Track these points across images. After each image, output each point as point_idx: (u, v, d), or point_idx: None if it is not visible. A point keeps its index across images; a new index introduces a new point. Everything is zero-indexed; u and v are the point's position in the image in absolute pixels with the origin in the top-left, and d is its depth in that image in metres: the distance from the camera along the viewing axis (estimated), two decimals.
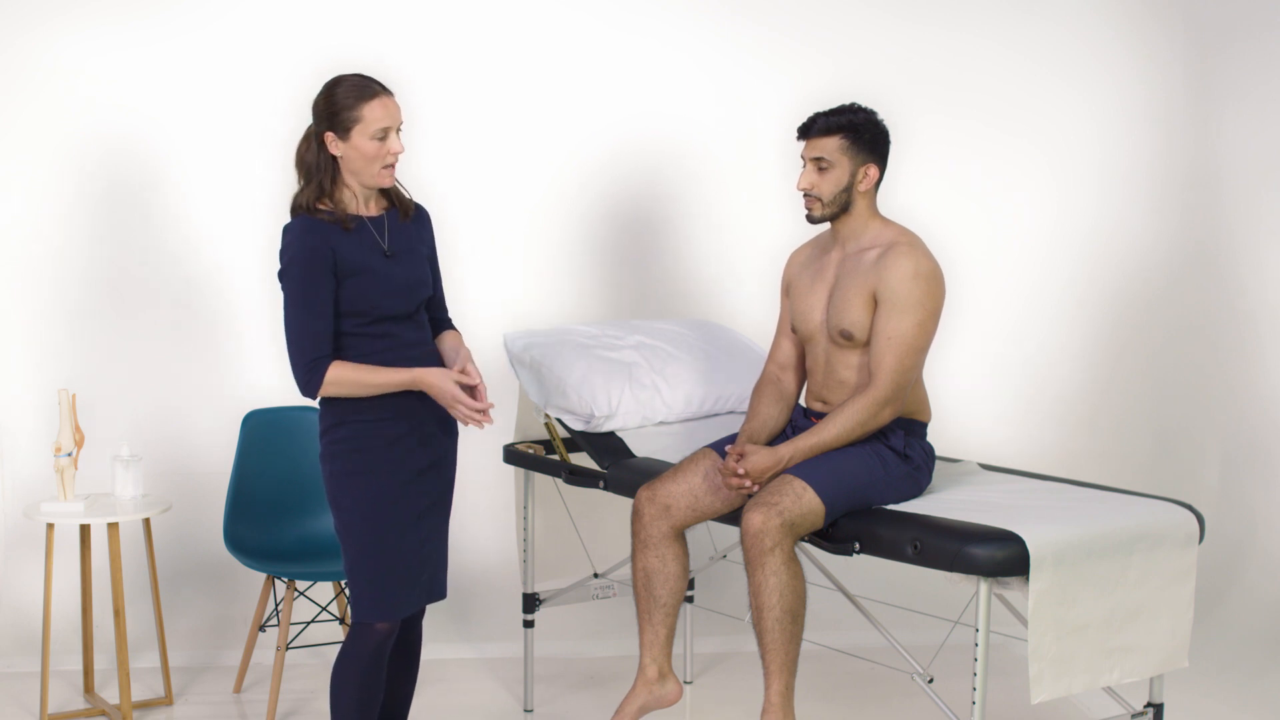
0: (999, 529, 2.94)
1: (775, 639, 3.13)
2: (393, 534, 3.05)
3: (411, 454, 3.08)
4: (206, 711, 4.11)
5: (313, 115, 3.03)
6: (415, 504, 3.09)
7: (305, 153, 3.03)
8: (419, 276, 3.10)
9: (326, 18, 4.76)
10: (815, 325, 3.41)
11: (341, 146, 2.99)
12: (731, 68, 5.00)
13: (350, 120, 2.96)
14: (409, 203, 3.15)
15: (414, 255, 3.10)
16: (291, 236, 2.98)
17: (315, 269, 2.95)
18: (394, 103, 3.02)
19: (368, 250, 3.02)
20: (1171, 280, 5.19)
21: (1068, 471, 4.54)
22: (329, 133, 2.98)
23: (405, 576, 3.08)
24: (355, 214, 3.04)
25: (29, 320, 4.68)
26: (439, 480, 3.17)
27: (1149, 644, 3.14)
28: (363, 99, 2.97)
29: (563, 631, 4.66)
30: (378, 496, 3.04)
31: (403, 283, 3.05)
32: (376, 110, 2.97)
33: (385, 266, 3.03)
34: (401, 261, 3.06)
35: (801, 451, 3.24)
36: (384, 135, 2.98)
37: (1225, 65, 5.08)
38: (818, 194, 3.32)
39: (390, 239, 3.07)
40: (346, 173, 3.02)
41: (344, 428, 3.04)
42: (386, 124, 2.98)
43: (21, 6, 4.61)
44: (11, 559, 4.63)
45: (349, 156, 2.99)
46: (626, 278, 5.01)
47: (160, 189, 4.72)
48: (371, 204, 3.09)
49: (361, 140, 2.97)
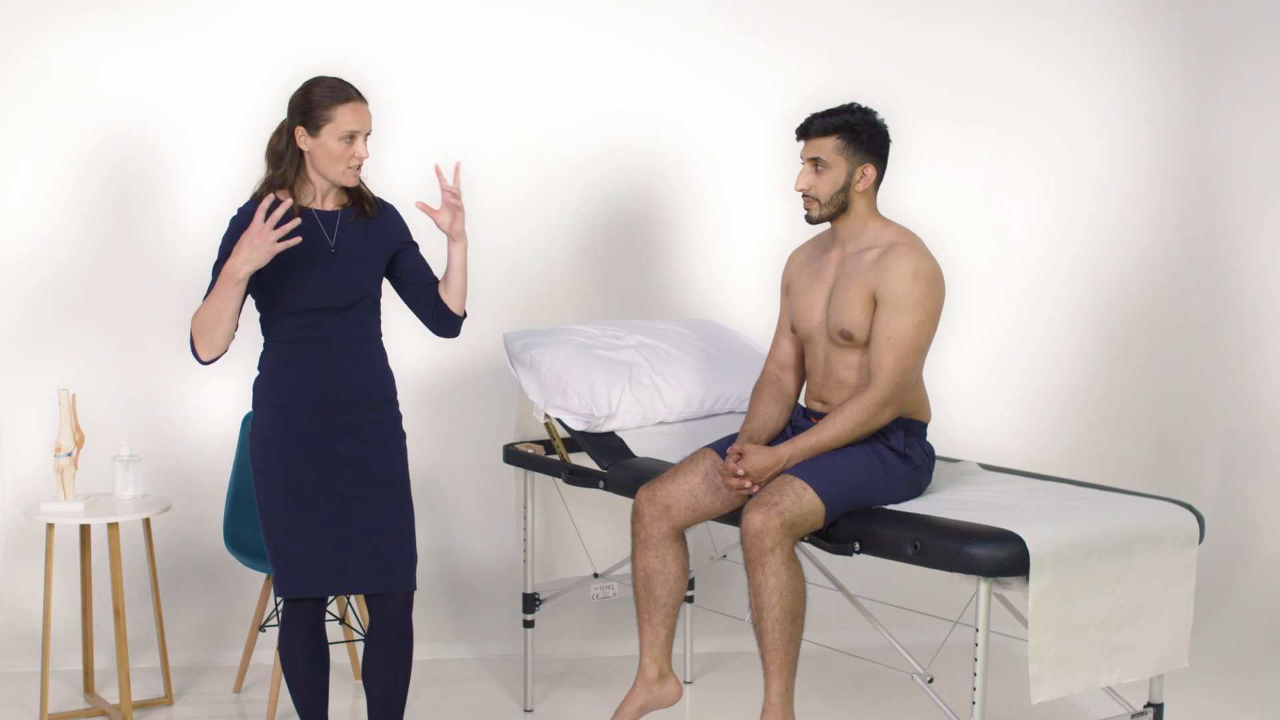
0: (999, 529, 2.94)
1: (775, 639, 3.13)
2: (295, 516, 3.18)
3: (325, 441, 3.18)
4: (206, 711, 4.11)
5: (287, 109, 3.17)
6: (327, 490, 3.18)
7: (276, 144, 3.20)
8: (360, 275, 3.20)
9: (329, 21, 4.77)
10: (815, 325, 3.41)
11: (310, 142, 3.13)
12: (730, 68, 5.00)
13: (322, 119, 3.11)
14: (373, 201, 3.27)
15: (363, 253, 3.22)
16: (234, 217, 3.18)
17: None
18: (366, 110, 3.15)
19: (309, 244, 3.14)
20: (1171, 280, 5.19)
21: (1068, 471, 4.54)
22: (300, 127, 3.13)
23: (311, 556, 3.18)
24: (308, 206, 3.18)
25: (29, 320, 4.68)
26: (366, 472, 3.22)
27: (1149, 644, 3.14)
28: (337, 101, 3.11)
29: (563, 631, 4.66)
30: (284, 479, 3.18)
31: (340, 279, 3.16)
32: (348, 114, 3.12)
33: (326, 261, 3.16)
34: (344, 258, 3.19)
35: (801, 451, 3.24)
36: (351, 138, 3.13)
37: (1225, 65, 5.08)
38: (815, 194, 3.32)
39: (339, 236, 3.19)
40: (311, 168, 3.16)
41: (260, 410, 3.22)
42: (355, 128, 3.12)
43: (27, 9, 4.61)
44: (11, 559, 4.63)
45: (315, 153, 3.14)
46: (626, 278, 5.01)
47: (160, 189, 4.73)
48: (329, 199, 3.22)
49: (329, 140, 3.12)
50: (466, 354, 4.81)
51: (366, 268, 3.21)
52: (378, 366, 3.28)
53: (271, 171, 3.17)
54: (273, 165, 3.18)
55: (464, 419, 4.87)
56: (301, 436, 3.18)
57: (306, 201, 3.19)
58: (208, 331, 3.06)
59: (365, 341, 3.24)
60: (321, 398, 3.18)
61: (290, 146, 3.15)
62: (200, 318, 3.06)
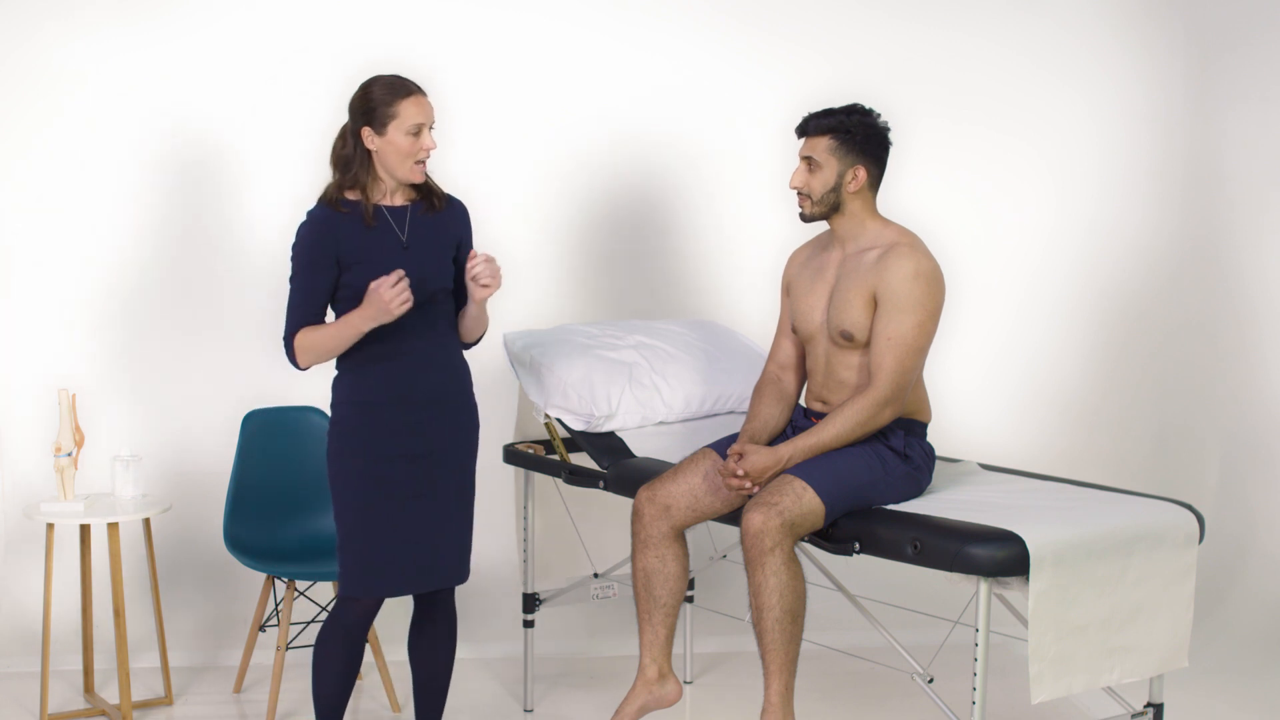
0: (999, 529, 2.94)
1: (775, 639, 3.13)
2: (371, 515, 3.19)
3: (399, 438, 3.20)
4: (206, 711, 4.11)
5: (349, 113, 3.19)
6: (400, 489, 3.20)
7: (341, 149, 3.21)
8: (432, 268, 3.21)
9: (329, 21, 4.76)
10: (815, 326, 3.41)
11: (378, 141, 3.15)
12: (730, 68, 5.00)
13: (387, 116, 3.13)
14: (441, 195, 3.29)
15: (433, 247, 3.23)
16: (303, 223, 3.19)
17: (313, 257, 3.15)
18: (428, 101, 3.19)
19: (381, 242, 3.17)
20: (1171, 280, 5.19)
21: (1068, 471, 4.54)
22: (366, 128, 3.15)
23: (384, 557, 3.20)
24: (379, 204, 3.20)
25: (29, 320, 4.68)
26: (435, 469, 3.25)
27: (1149, 644, 3.14)
28: (399, 96, 3.14)
29: (563, 631, 4.66)
30: (360, 477, 3.20)
31: (414, 274, 3.16)
32: (411, 107, 3.14)
33: (399, 258, 3.16)
34: (416, 253, 3.20)
35: (801, 452, 3.24)
36: (418, 131, 3.14)
37: (1225, 65, 5.08)
38: (807, 192, 3.33)
39: (410, 230, 3.21)
40: (379, 167, 3.18)
41: (339, 408, 3.24)
42: (421, 120, 3.15)
43: (27, 8, 4.61)
44: (11, 559, 4.63)
45: (384, 151, 3.15)
46: (627, 278, 5.01)
47: (160, 189, 4.72)
48: (399, 195, 3.24)
49: (397, 135, 3.13)
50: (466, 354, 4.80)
51: (437, 261, 3.23)
52: (455, 362, 3.31)
53: (341, 176, 3.19)
54: (342, 170, 3.19)
55: None
56: (379, 434, 3.20)
57: (378, 199, 3.20)
58: (318, 356, 3.18)
59: (441, 336, 3.26)
60: (401, 394, 3.20)
61: (358, 149, 3.16)
62: (315, 346, 3.15)
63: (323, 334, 3.16)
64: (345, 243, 3.14)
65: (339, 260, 3.15)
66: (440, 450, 3.26)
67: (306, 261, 3.15)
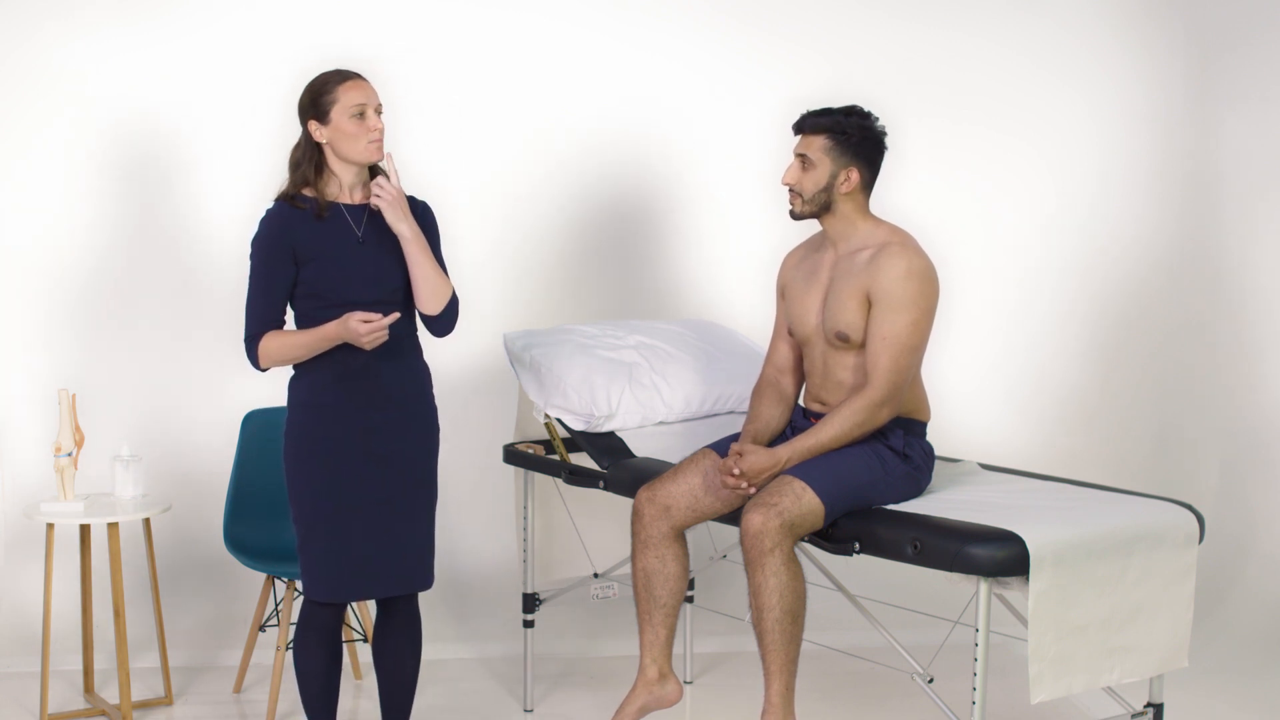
0: (999, 529, 2.94)
1: (775, 639, 3.13)
2: (329, 518, 3.19)
3: (356, 441, 3.20)
4: (206, 711, 4.11)
5: (298, 113, 3.20)
6: (358, 492, 3.20)
7: (295, 151, 3.22)
8: (388, 266, 3.20)
9: (329, 21, 4.77)
10: (811, 328, 3.41)
11: (325, 131, 3.16)
12: (730, 68, 5.00)
13: (328, 103, 3.15)
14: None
15: (389, 243, 3.21)
16: (261, 221, 3.20)
17: (270, 253, 3.16)
18: (368, 85, 3.20)
19: (336, 237, 3.17)
20: (1171, 280, 5.19)
21: (1068, 471, 4.53)
22: (312, 120, 3.17)
23: (344, 561, 3.20)
24: (334, 201, 3.19)
25: (29, 320, 4.68)
26: (393, 472, 3.24)
27: (1149, 644, 3.14)
28: (335, 82, 3.16)
29: (563, 631, 4.66)
30: (318, 480, 3.20)
31: (370, 271, 3.17)
32: (350, 90, 3.15)
33: (353, 253, 3.17)
34: (371, 249, 3.20)
35: (799, 453, 3.24)
36: (361, 113, 3.15)
37: (1225, 65, 5.08)
38: (799, 190, 3.33)
39: (367, 227, 3.20)
40: (334, 159, 3.19)
41: (295, 410, 3.24)
42: (361, 100, 3.15)
43: (26, 9, 4.61)
44: (11, 559, 4.63)
45: (334, 140, 3.16)
46: (626, 278, 5.01)
47: (159, 190, 4.72)
48: (357, 193, 3.23)
49: (341, 120, 3.14)
50: (466, 354, 4.81)
51: (394, 258, 3.21)
52: (414, 364, 3.29)
53: (290, 173, 3.21)
54: (290, 169, 3.21)
55: (464, 419, 4.86)
56: (336, 436, 3.19)
57: (333, 196, 3.20)
58: (282, 361, 3.19)
59: (400, 338, 3.23)
60: (358, 397, 3.20)
61: (308, 144, 3.18)
62: (281, 352, 3.16)
63: (293, 341, 3.16)
64: (300, 238, 3.14)
65: (295, 255, 3.14)
66: (399, 453, 3.24)
67: (264, 258, 3.16)
